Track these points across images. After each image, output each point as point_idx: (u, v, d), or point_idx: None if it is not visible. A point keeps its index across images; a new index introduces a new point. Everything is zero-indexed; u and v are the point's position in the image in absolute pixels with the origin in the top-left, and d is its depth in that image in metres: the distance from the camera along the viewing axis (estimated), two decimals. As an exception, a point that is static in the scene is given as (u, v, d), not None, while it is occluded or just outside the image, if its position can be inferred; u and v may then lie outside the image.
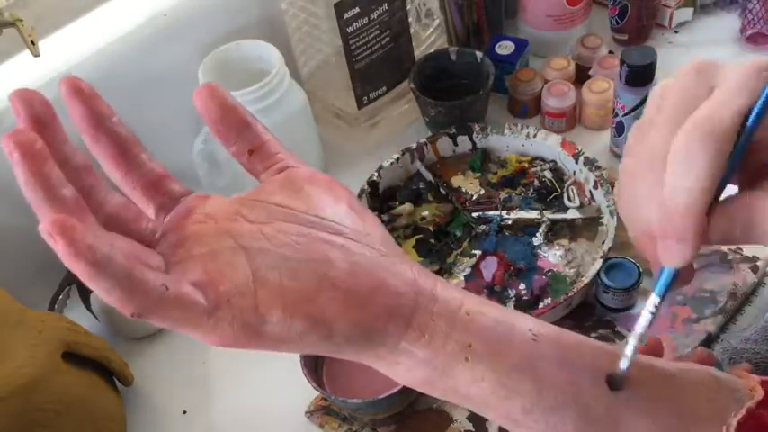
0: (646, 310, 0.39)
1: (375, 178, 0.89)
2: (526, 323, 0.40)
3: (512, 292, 0.80)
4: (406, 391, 0.69)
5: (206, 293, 0.33)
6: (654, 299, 0.39)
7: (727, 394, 0.39)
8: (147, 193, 0.37)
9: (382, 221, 0.88)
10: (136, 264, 0.31)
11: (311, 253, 0.35)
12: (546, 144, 0.89)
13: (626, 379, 0.39)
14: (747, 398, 0.39)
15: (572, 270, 0.80)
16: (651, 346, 0.48)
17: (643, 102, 0.87)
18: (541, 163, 0.90)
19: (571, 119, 0.97)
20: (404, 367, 0.38)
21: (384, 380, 0.71)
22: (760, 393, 0.39)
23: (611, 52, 1.01)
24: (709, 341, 0.75)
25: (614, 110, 0.89)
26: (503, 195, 0.88)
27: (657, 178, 0.36)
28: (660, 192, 0.35)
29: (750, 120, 0.35)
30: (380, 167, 0.89)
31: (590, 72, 0.98)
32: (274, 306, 0.34)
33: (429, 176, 0.91)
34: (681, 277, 0.38)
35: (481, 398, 0.38)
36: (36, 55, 0.78)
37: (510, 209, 0.86)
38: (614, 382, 0.39)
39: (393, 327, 0.36)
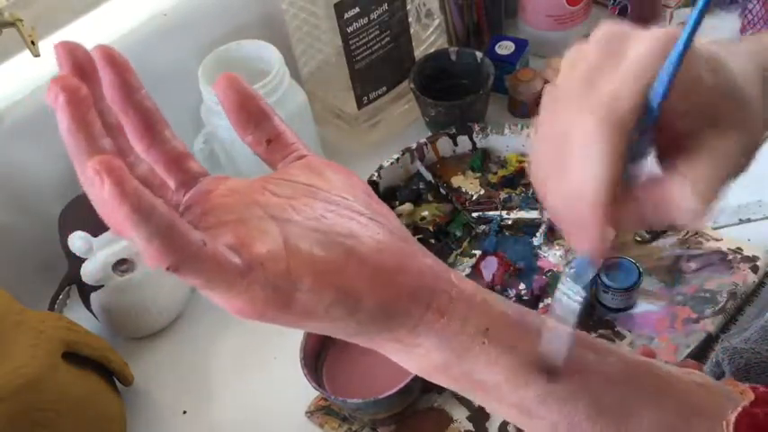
0: (558, 294, 0.40)
1: (375, 178, 0.89)
2: (538, 315, 0.41)
3: (512, 292, 0.80)
4: (406, 391, 0.69)
5: (240, 255, 0.33)
6: (566, 285, 0.40)
7: (722, 396, 0.41)
8: (169, 169, 0.37)
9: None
10: (176, 216, 0.31)
11: (338, 227, 0.35)
12: (546, 144, 0.89)
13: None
14: (740, 399, 0.40)
15: (572, 270, 0.80)
16: (645, 355, 0.48)
17: (643, 102, 0.87)
18: (541, 163, 0.90)
19: (571, 119, 0.97)
20: (422, 350, 0.38)
21: (384, 380, 0.71)
22: (752, 395, 0.40)
23: None
24: (709, 341, 0.75)
25: (614, 110, 0.89)
26: (503, 195, 0.88)
27: (562, 163, 0.36)
28: (566, 174, 0.35)
29: (653, 96, 0.34)
30: (380, 167, 0.89)
31: (590, 72, 0.98)
32: (305, 274, 0.33)
33: (429, 176, 0.91)
34: (593, 261, 0.39)
35: (495, 383, 0.38)
36: (36, 55, 0.78)
37: (510, 209, 0.86)
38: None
39: (414, 307, 0.37)
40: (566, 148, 0.35)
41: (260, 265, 0.33)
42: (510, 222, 0.85)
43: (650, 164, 0.36)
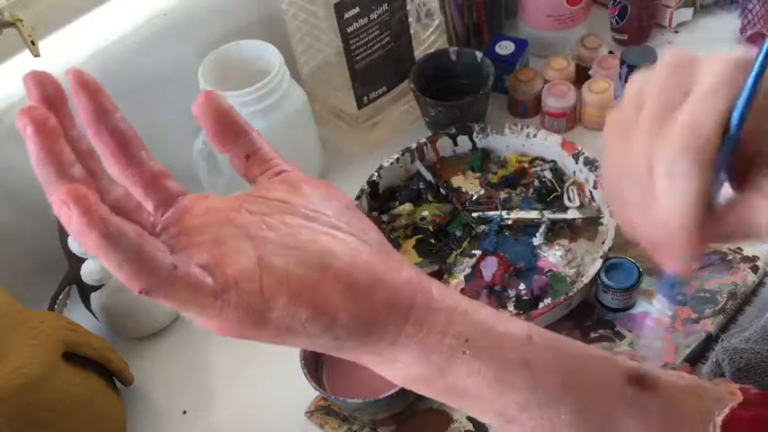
0: (657, 311, 0.41)
1: (375, 178, 0.89)
2: (520, 323, 0.41)
3: (512, 293, 0.80)
4: (406, 391, 0.69)
5: (213, 275, 0.33)
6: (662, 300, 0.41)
7: (710, 398, 0.41)
8: (146, 189, 0.37)
9: (382, 221, 0.88)
10: (146, 241, 0.31)
11: (314, 243, 0.36)
12: (546, 144, 0.89)
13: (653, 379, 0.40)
14: (729, 400, 0.40)
15: (572, 270, 0.81)
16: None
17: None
18: (541, 163, 0.90)
19: (571, 119, 0.97)
20: (402, 364, 0.38)
21: (384, 380, 0.71)
22: (740, 396, 0.41)
23: (611, 52, 1.01)
24: (709, 341, 0.75)
25: (614, 110, 0.89)
26: (503, 195, 0.88)
27: (646, 189, 0.36)
28: (650, 203, 0.36)
29: (733, 123, 0.35)
30: (380, 167, 0.89)
31: (590, 72, 0.98)
32: (280, 292, 0.34)
33: (429, 176, 0.91)
34: (683, 277, 0.39)
35: (477, 392, 0.38)
36: (36, 55, 0.78)
37: (510, 209, 0.86)
38: (644, 383, 0.40)
39: (392, 321, 0.37)
40: (647, 176, 0.36)
41: (234, 284, 0.33)
42: (510, 222, 0.85)
43: (726, 185, 0.37)
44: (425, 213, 0.88)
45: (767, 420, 0.40)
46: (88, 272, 0.79)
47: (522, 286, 0.80)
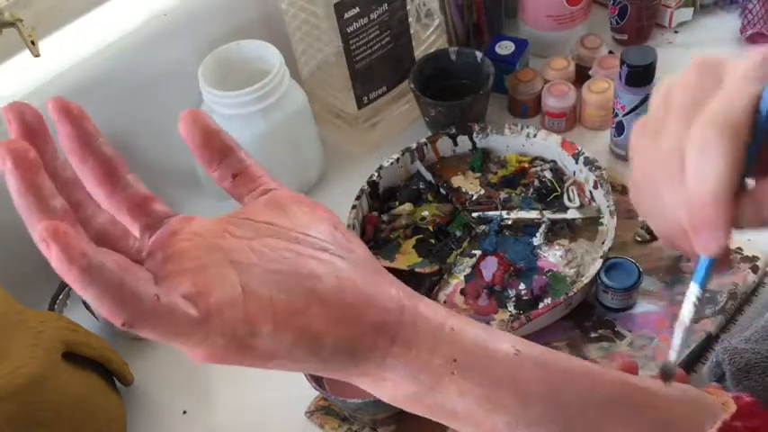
0: (689, 301, 0.40)
1: (375, 178, 0.89)
2: (508, 340, 0.40)
3: (512, 293, 0.80)
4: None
5: (197, 304, 0.33)
6: (695, 288, 0.40)
7: (702, 409, 0.41)
8: (132, 214, 0.36)
9: (382, 221, 0.88)
10: (127, 272, 0.31)
11: (299, 267, 0.35)
12: (546, 144, 0.89)
13: (676, 370, 0.40)
14: (721, 411, 0.40)
15: (572, 270, 0.81)
16: (626, 369, 0.48)
17: (643, 102, 0.87)
18: (541, 163, 0.90)
19: (571, 119, 0.97)
20: (390, 383, 0.38)
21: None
22: (733, 407, 0.41)
23: (611, 52, 1.01)
24: (709, 341, 0.75)
25: (614, 110, 0.89)
26: (503, 195, 0.88)
27: (677, 175, 0.36)
28: (682, 188, 0.36)
29: (763, 106, 0.35)
30: (380, 167, 0.89)
31: (590, 72, 0.98)
32: (264, 319, 0.34)
33: (429, 176, 0.91)
34: (720, 263, 0.39)
35: (467, 412, 0.38)
36: (36, 55, 0.78)
37: (510, 209, 0.86)
38: (666, 374, 0.40)
39: (379, 342, 0.37)
40: (678, 160, 0.36)
41: (217, 312, 0.33)
42: (510, 222, 0.85)
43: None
44: (425, 213, 0.88)
45: None
46: (88, 272, 0.79)
47: (522, 286, 0.80)
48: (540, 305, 0.78)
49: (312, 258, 0.36)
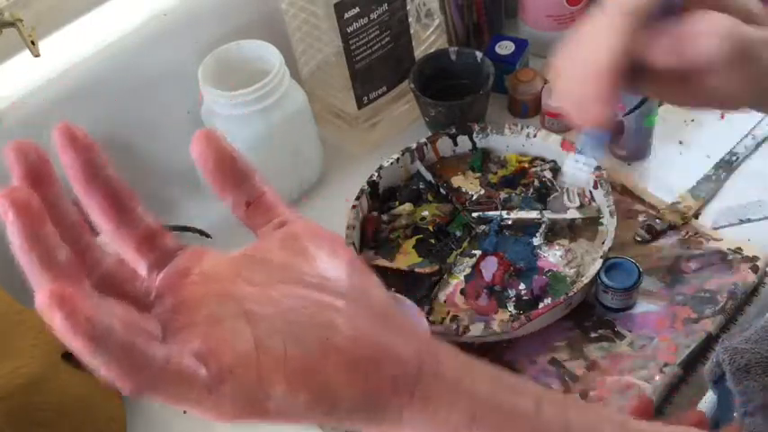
0: (567, 164, 0.47)
1: (375, 178, 0.89)
2: (530, 390, 0.39)
3: (512, 293, 0.80)
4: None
5: (208, 365, 0.31)
6: (576, 156, 0.46)
7: None
8: (140, 250, 0.34)
9: (382, 221, 0.88)
10: (136, 336, 0.30)
11: (314, 317, 0.34)
12: (546, 144, 0.89)
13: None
14: None
15: (572, 270, 0.80)
16: (642, 410, 0.48)
17: (643, 102, 0.86)
18: (541, 163, 0.90)
19: (571, 119, 0.97)
20: None
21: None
22: None
23: None
24: (709, 341, 0.75)
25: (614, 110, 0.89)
26: (503, 195, 0.88)
27: (576, 50, 0.42)
28: (577, 53, 0.42)
29: None
30: (380, 167, 0.89)
31: (590, 72, 0.98)
32: (278, 378, 0.32)
33: (429, 176, 0.91)
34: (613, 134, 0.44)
35: None
36: (36, 55, 0.78)
37: (510, 209, 0.86)
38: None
39: (397, 397, 0.35)
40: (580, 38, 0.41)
41: (229, 374, 0.31)
42: (510, 222, 0.85)
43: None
44: (425, 213, 0.88)
45: None
46: (88, 272, 0.79)
47: (522, 286, 0.80)
48: (540, 305, 0.78)
49: (329, 307, 0.34)
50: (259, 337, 0.32)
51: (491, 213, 0.86)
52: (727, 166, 0.90)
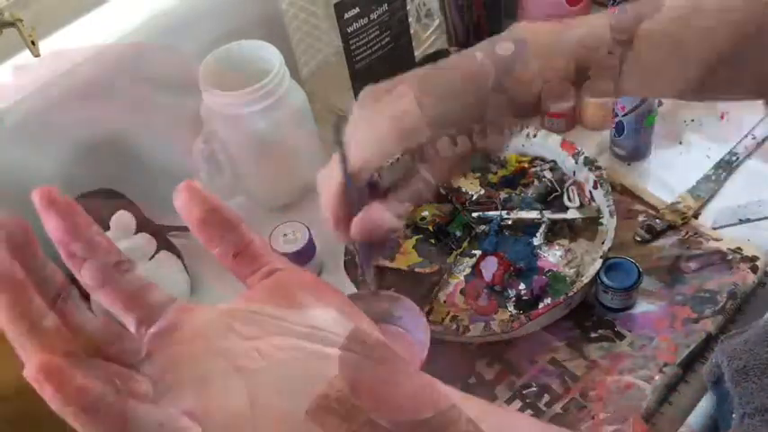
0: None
1: (375, 178, 0.89)
2: (531, 426, 0.39)
3: (512, 293, 0.80)
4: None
5: (203, 426, 0.31)
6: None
7: None
8: (127, 306, 0.34)
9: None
10: (128, 401, 0.30)
11: (308, 370, 0.33)
12: (546, 144, 0.89)
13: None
14: None
15: (572, 270, 0.81)
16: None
17: (643, 102, 0.87)
18: (541, 163, 0.90)
19: (571, 119, 0.97)
20: None
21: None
22: None
23: (610, 52, 1.01)
24: (708, 341, 0.75)
25: (614, 110, 0.89)
26: (503, 195, 0.88)
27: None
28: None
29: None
30: (380, 167, 0.89)
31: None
32: None
33: (429, 176, 0.91)
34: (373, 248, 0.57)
35: None
36: (36, 55, 0.78)
37: (510, 209, 0.86)
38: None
39: None
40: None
41: None
42: (510, 222, 0.85)
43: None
44: (425, 213, 0.88)
45: None
46: (88, 272, 0.79)
47: (522, 286, 0.80)
48: (540, 305, 0.78)
49: (322, 358, 0.34)
50: (253, 394, 0.32)
51: (491, 213, 0.86)
52: (727, 166, 0.90)
